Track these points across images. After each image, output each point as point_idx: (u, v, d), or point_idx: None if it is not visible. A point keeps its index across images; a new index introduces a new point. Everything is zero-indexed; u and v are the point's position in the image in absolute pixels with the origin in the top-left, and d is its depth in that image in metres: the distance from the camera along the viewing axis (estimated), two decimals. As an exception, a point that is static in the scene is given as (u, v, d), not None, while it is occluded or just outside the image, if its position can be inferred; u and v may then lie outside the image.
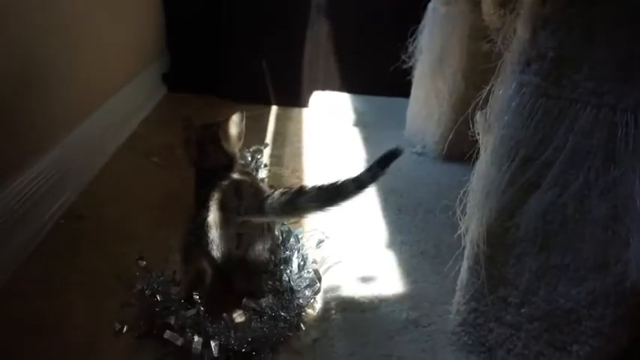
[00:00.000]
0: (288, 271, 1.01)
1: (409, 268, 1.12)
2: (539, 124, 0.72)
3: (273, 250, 1.02)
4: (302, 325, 0.94)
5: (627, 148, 0.68)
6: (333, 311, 0.98)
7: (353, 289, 1.04)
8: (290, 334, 0.92)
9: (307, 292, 0.98)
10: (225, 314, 0.90)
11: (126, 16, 1.70)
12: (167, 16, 2.09)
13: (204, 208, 0.93)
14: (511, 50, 0.77)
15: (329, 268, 1.09)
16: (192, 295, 0.90)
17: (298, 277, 1.00)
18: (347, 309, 0.99)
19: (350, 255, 1.14)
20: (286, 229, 1.12)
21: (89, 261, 1.08)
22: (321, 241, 1.16)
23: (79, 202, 1.28)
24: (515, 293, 0.82)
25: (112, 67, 1.60)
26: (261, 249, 0.96)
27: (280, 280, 1.00)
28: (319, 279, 1.01)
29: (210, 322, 0.87)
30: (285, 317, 0.91)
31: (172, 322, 0.87)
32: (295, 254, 1.04)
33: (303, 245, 1.09)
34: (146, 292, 0.91)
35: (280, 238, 1.09)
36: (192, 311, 0.88)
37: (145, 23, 1.97)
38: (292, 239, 1.08)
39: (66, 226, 1.19)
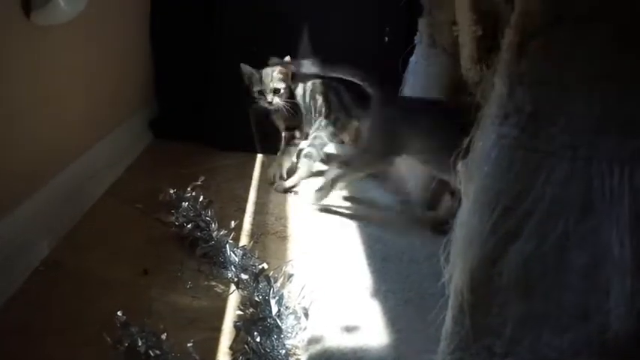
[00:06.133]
0: (266, 312, 1.00)
1: (394, 317, 1.11)
2: (519, 175, 0.74)
3: None
4: None
5: (603, 199, 0.70)
6: (317, 361, 0.97)
7: (337, 339, 1.03)
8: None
9: (294, 330, 0.97)
10: None
11: (114, 63, 1.73)
12: (156, 64, 2.14)
13: None
14: (489, 104, 0.79)
15: (310, 305, 1.08)
16: None
17: (278, 316, 0.99)
18: (331, 359, 0.97)
19: (334, 304, 1.13)
20: (255, 269, 1.13)
21: (68, 309, 1.06)
22: (291, 275, 1.15)
23: (59, 248, 1.26)
24: (499, 343, 0.82)
25: (99, 113, 1.61)
26: None
27: (264, 321, 0.99)
28: (306, 315, 1.01)
29: None
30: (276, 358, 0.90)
31: None
32: (270, 294, 1.04)
33: (275, 284, 1.09)
34: (139, 348, 0.88)
35: (252, 283, 1.09)
36: None
37: (133, 70, 2.01)
38: (263, 281, 1.08)
39: (45, 273, 1.17)
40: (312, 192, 1.58)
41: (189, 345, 0.89)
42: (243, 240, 1.41)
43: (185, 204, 1.39)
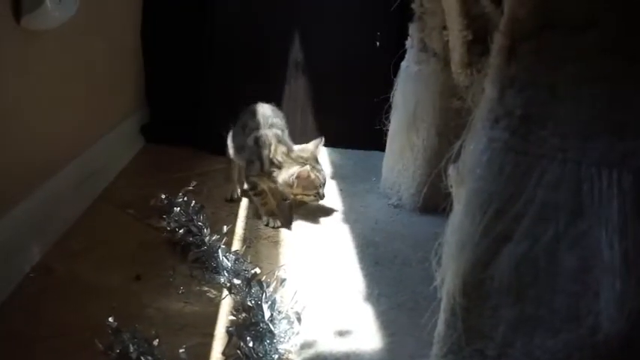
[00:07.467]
0: (259, 316, 1.00)
1: (387, 321, 1.11)
2: (510, 178, 0.74)
3: None
4: None
5: (593, 202, 0.70)
6: (310, 366, 0.97)
7: (330, 343, 1.03)
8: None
9: (287, 335, 0.97)
10: None
11: (105, 68, 1.73)
12: (147, 68, 2.13)
13: None
14: (480, 107, 0.80)
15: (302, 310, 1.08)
16: None
17: (271, 320, 0.99)
18: (324, 364, 0.97)
19: (326, 308, 1.13)
20: (248, 274, 1.13)
21: (58, 315, 1.05)
22: (283, 280, 1.15)
23: (51, 254, 1.25)
24: (491, 345, 0.82)
25: (91, 118, 1.60)
26: None
27: (257, 326, 0.99)
28: (299, 319, 1.01)
29: None
30: None
31: None
32: (263, 298, 1.04)
33: (267, 289, 1.08)
34: (130, 354, 0.88)
35: (244, 288, 1.09)
36: None
37: (125, 75, 2.00)
38: (256, 286, 1.08)
39: (36, 279, 1.16)
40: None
41: (181, 351, 0.88)
42: (236, 245, 1.41)
43: (177, 209, 1.39)
